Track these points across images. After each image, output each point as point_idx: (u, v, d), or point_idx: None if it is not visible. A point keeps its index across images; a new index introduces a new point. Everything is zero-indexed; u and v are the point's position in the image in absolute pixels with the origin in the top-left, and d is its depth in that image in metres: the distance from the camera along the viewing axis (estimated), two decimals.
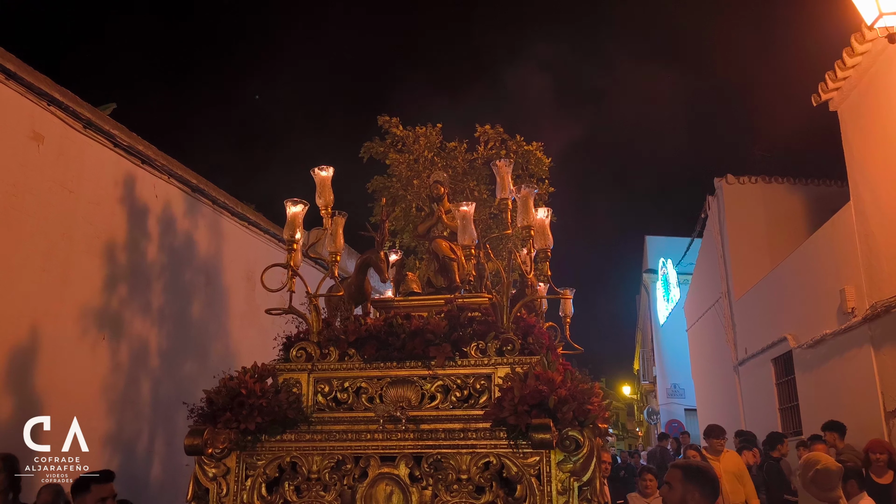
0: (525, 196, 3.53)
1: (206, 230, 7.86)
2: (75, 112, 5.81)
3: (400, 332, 3.53)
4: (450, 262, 4.22)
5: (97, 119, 6.03)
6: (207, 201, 7.80)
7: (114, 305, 6.38)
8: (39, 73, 5.49)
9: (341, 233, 3.83)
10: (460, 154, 6.77)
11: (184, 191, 7.37)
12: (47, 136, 5.59)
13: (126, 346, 6.56)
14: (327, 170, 3.84)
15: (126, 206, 6.52)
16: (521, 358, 3.37)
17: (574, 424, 3.04)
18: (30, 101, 5.45)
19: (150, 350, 6.86)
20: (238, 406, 3.32)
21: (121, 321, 6.49)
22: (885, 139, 7.60)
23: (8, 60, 5.22)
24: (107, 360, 6.30)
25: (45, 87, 5.49)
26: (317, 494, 3.26)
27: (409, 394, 3.46)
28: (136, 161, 6.59)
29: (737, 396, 13.54)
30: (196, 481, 3.34)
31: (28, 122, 5.43)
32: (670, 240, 24.33)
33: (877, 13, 5.49)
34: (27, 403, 5.39)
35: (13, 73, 5.24)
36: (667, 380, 23.50)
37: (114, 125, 6.27)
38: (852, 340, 8.63)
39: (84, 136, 5.97)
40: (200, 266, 7.71)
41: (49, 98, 5.55)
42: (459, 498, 3.12)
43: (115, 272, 6.39)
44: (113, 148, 6.29)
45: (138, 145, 6.55)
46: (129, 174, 6.53)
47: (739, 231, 13.44)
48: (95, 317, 6.17)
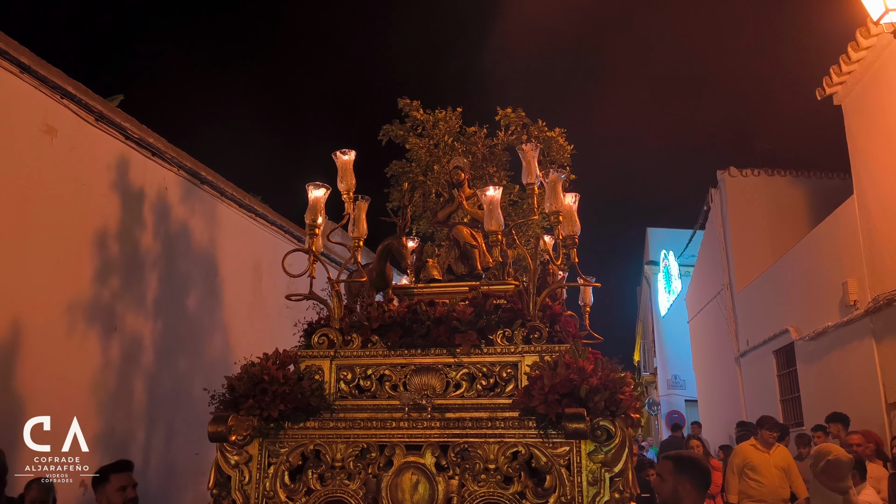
0: (554, 180, 3.47)
1: (216, 222, 7.81)
2: (87, 105, 5.80)
3: (424, 318, 3.47)
4: (471, 249, 4.15)
5: (109, 112, 6.04)
6: (216, 192, 7.80)
7: (125, 298, 6.39)
8: (53, 67, 5.47)
9: (364, 218, 3.75)
10: (480, 139, 6.67)
11: (193, 182, 7.38)
12: (60, 129, 5.59)
13: (139, 339, 6.56)
14: (349, 153, 3.76)
15: (136, 197, 6.54)
16: (550, 346, 3.30)
17: (606, 414, 2.99)
18: (43, 95, 5.44)
19: (165, 341, 6.84)
20: (261, 393, 3.26)
21: (133, 313, 6.51)
22: (889, 134, 7.67)
23: (22, 54, 5.19)
24: (118, 352, 6.27)
25: (58, 81, 5.48)
26: (341, 483, 3.20)
27: (434, 382, 3.40)
28: (147, 153, 6.61)
29: (738, 388, 13.68)
30: (218, 469, 3.28)
31: (41, 115, 5.44)
32: (672, 231, 24.53)
33: (883, 9, 5.53)
34: (34, 397, 5.34)
35: (27, 67, 5.22)
36: (667, 371, 23.78)
37: (125, 117, 6.28)
38: (854, 333, 8.73)
39: (96, 129, 5.98)
40: (208, 257, 7.65)
41: (62, 91, 5.54)
42: (487, 488, 3.06)
43: (126, 264, 6.41)
44: (124, 140, 6.29)
45: (148, 137, 6.56)
46: (140, 166, 6.55)
47: (742, 223, 13.52)
48: (108, 309, 6.17)
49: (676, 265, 23.31)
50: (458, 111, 6.83)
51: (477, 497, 3.06)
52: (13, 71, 5.19)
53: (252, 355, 3.49)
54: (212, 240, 7.73)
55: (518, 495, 3.03)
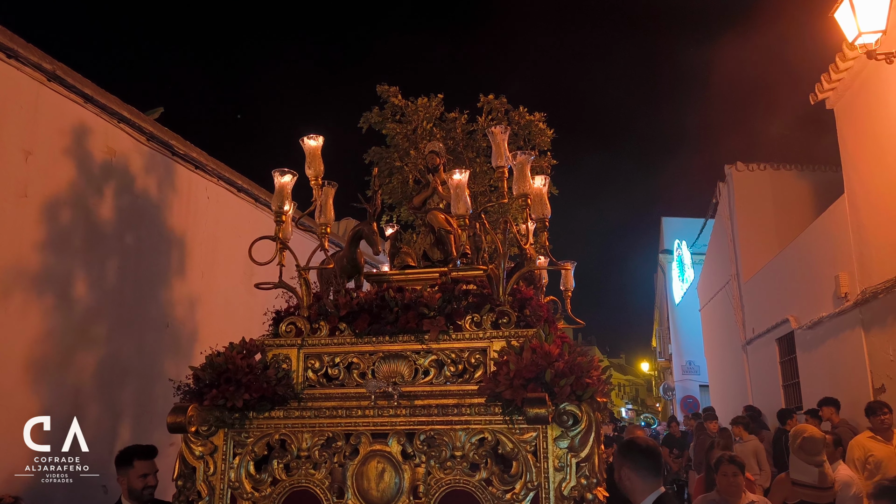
0: (521, 163, 3.38)
1: (254, 224, 7.94)
2: (139, 126, 6.44)
3: (392, 305, 3.41)
4: (446, 235, 4.08)
5: (158, 132, 6.66)
6: (251, 199, 8.25)
7: (174, 298, 6.86)
8: (111, 94, 6.11)
9: (331, 203, 3.69)
10: (460, 125, 6.57)
11: (231, 191, 7.96)
12: (118, 149, 6.27)
13: (186, 335, 6.80)
14: (317, 139, 3.69)
15: (183, 208, 7.15)
16: (518, 331, 3.23)
17: (572, 399, 2.92)
18: (103, 121, 6.06)
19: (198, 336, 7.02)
20: (225, 383, 3.21)
21: (181, 313, 6.94)
22: (876, 137, 8.06)
23: (86, 86, 5.76)
24: (169, 349, 6.50)
25: (115, 107, 6.14)
26: (307, 472, 3.15)
27: (402, 369, 3.35)
28: (191, 167, 7.19)
29: (745, 374, 14.05)
30: (182, 460, 3.24)
31: (102, 139, 6.10)
32: (685, 221, 24.82)
33: (856, 32, 5.93)
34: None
35: (91, 97, 5.84)
36: (682, 357, 24.15)
37: (171, 136, 6.80)
38: (845, 323, 9.24)
39: (147, 148, 6.61)
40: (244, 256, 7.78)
41: (119, 116, 6.18)
42: (453, 475, 3.00)
43: (181, 269, 7.02)
44: (171, 156, 6.89)
45: (192, 152, 7.12)
46: (185, 179, 7.22)
47: (748, 216, 13.91)
48: (161, 309, 6.64)
49: (689, 254, 23.58)
50: (440, 97, 6.75)
51: (443, 484, 3.00)
52: (78, 101, 5.82)
53: (217, 345, 3.45)
54: (247, 241, 7.84)
55: (484, 482, 2.97)
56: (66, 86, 5.67)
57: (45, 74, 5.48)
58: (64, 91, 5.65)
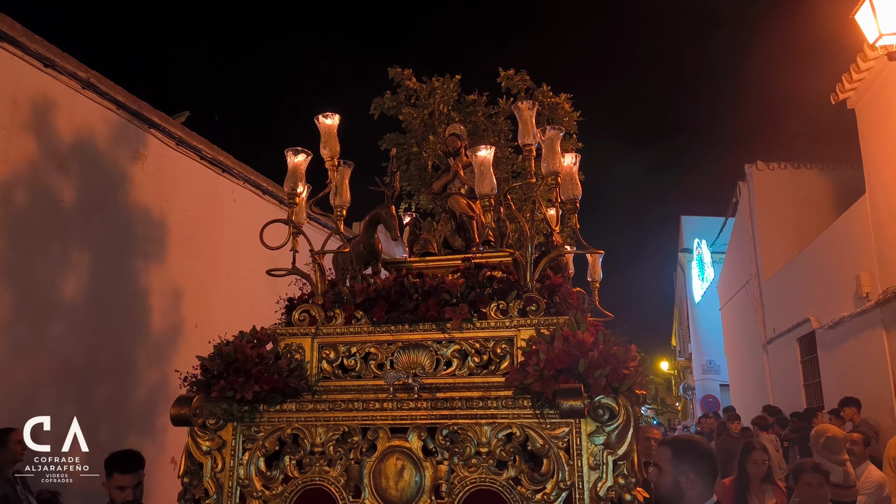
0: (551, 138, 3.15)
1: (281, 228, 7.97)
2: (168, 131, 6.58)
3: (412, 291, 3.19)
4: (468, 221, 3.86)
5: (187, 137, 6.82)
6: (275, 201, 8.38)
7: (200, 297, 7.00)
8: (142, 101, 6.29)
9: (347, 185, 3.48)
10: (480, 108, 6.32)
11: (256, 193, 8.13)
12: (148, 154, 6.45)
13: (214, 336, 6.80)
14: (332, 117, 3.48)
15: (209, 210, 7.30)
16: (548, 319, 3.00)
17: (608, 391, 2.68)
18: (134, 126, 6.27)
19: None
20: (234, 373, 3.01)
21: (209, 312, 7.14)
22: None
23: (118, 93, 5.97)
24: (196, 350, 6.53)
25: (146, 113, 6.32)
26: (321, 469, 2.94)
27: (423, 359, 3.13)
28: (218, 170, 7.32)
29: (765, 373, 13.98)
30: (189, 455, 3.04)
31: (133, 144, 6.29)
32: (705, 219, 24.84)
33: (877, 34, 5.91)
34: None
35: (122, 104, 6.07)
36: (702, 356, 24.03)
37: (200, 140, 6.95)
38: (866, 323, 9.33)
39: (176, 153, 6.77)
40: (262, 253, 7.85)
41: (149, 122, 6.36)
42: (478, 473, 2.78)
43: (208, 271, 7.23)
44: (199, 160, 7.03)
45: (219, 156, 7.25)
46: (212, 183, 7.37)
47: (768, 215, 13.92)
48: (184, 308, 6.78)
49: (709, 253, 23.62)
50: (457, 78, 6.50)
51: (467, 483, 2.78)
52: (111, 108, 6.07)
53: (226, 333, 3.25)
54: (271, 243, 7.86)
55: (512, 481, 2.74)
56: (99, 93, 5.85)
57: (79, 82, 5.66)
58: (97, 98, 5.87)
